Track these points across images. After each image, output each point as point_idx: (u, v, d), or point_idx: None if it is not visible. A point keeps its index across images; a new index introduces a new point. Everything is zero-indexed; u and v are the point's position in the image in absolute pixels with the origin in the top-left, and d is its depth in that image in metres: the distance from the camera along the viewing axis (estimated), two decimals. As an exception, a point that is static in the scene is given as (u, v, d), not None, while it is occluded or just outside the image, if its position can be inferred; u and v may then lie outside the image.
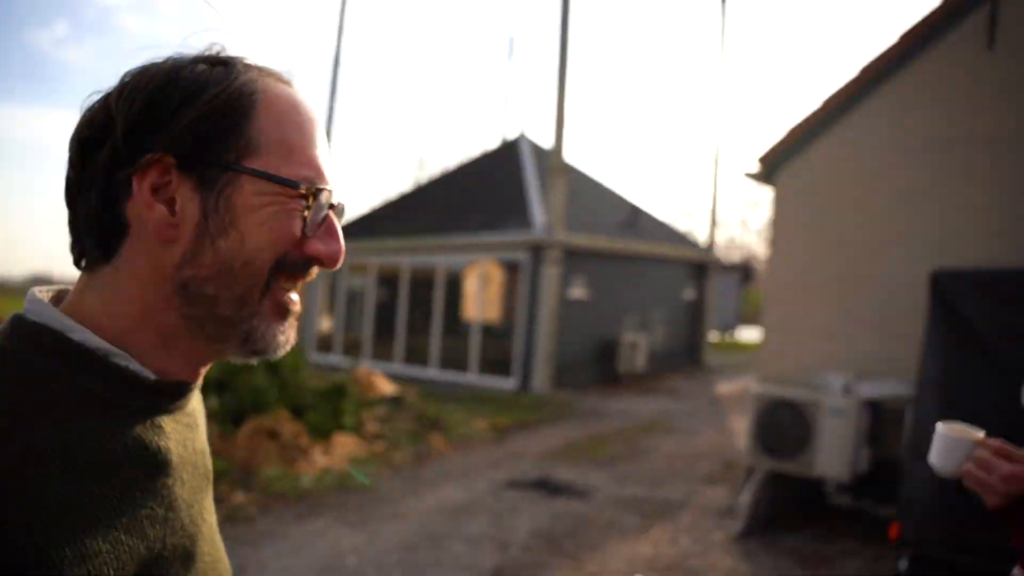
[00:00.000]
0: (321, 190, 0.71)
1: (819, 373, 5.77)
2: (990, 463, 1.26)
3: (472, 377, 13.29)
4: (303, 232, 0.71)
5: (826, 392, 5.43)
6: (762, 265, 22.92)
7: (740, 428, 9.47)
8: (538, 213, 13.04)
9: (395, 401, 8.59)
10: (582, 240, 13.15)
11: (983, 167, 5.46)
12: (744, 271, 27.74)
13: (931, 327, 4.39)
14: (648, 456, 7.74)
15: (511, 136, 18.56)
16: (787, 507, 5.67)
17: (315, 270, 0.74)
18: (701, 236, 22.25)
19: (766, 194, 6.74)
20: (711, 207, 18.73)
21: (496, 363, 13.22)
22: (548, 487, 6.34)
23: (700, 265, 17.68)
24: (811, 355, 6.05)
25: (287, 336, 0.74)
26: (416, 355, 14.27)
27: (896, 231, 5.80)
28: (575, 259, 13.13)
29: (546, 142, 13.28)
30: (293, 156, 0.70)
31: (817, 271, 6.16)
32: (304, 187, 0.70)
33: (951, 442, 1.33)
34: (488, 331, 13.49)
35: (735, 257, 39.08)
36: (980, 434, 1.32)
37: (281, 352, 0.73)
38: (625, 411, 10.80)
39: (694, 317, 17.55)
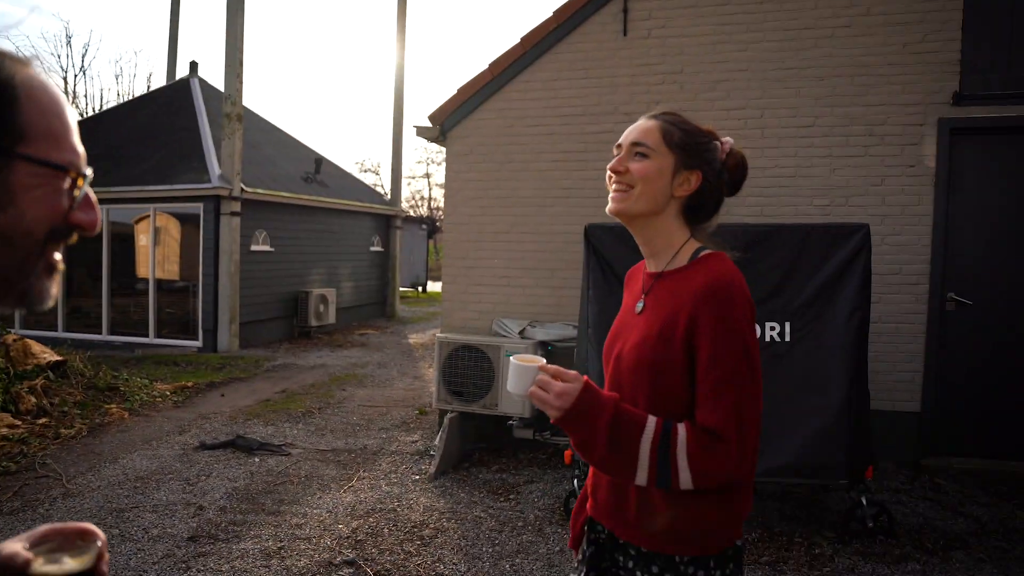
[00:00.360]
0: (85, 174, 0.82)
1: (497, 320, 6.37)
2: (548, 384, 1.46)
3: (151, 339, 12.35)
4: (70, 206, 0.81)
5: (504, 337, 6.03)
6: (445, 217, 23.78)
7: (431, 376, 10.04)
8: (214, 162, 12.32)
9: (59, 370, 7.72)
10: (264, 191, 12.72)
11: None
12: (431, 224, 28.73)
13: (587, 275, 4.97)
14: (343, 408, 7.92)
15: (181, 75, 17.15)
16: (477, 445, 6.24)
17: (76, 235, 0.85)
18: (387, 190, 22.57)
19: (449, 153, 7.11)
20: (394, 161, 18.94)
21: (178, 323, 12.40)
22: (242, 446, 6.24)
23: (387, 218, 18.03)
24: (490, 304, 6.64)
25: (56, 290, 0.85)
26: (83, 319, 12.84)
27: (558, 189, 6.54)
28: (257, 211, 12.69)
29: (221, 84, 12.52)
30: (61, 143, 0.80)
31: (490, 226, 6.71)
32: (73, 172, 0.80)
33: (520, 369, 1.49)
34: (167, 289, 12.54)
35: (422, 211, 40.29)
36: (542, 361, 1.50)
37: (51, 303, 0.84)
38: (317, 365, 10.84)
39: (383, 270, 17.93)
